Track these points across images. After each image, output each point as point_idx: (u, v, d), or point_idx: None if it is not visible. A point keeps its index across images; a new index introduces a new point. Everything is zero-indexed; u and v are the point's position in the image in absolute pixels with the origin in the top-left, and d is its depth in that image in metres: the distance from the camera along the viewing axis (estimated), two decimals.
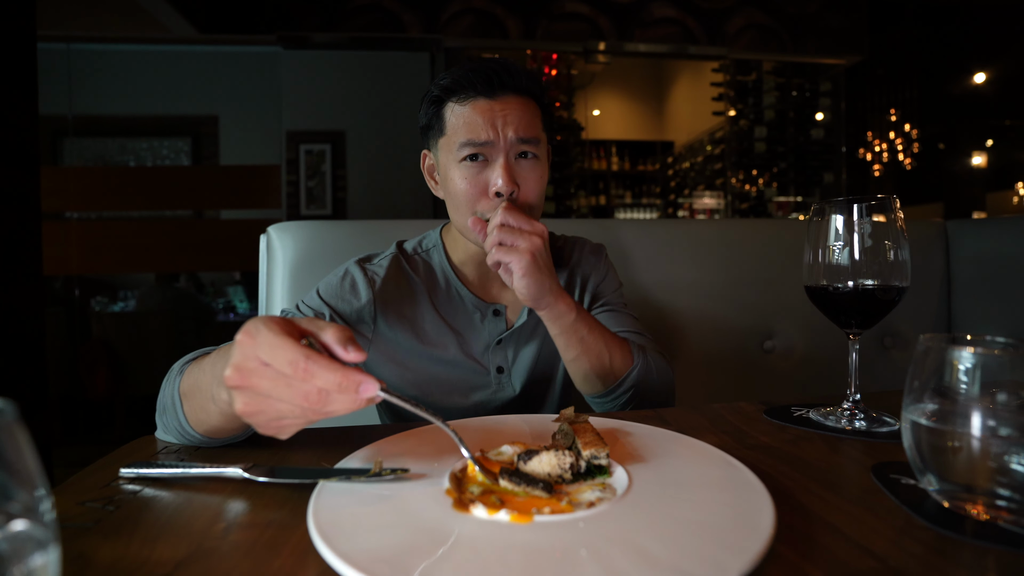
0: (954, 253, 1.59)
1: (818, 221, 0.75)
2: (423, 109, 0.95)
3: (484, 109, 0.87)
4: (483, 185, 0.88)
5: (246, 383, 0.46)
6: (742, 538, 0.40)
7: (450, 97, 0.90)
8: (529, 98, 0.91)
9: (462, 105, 0.88)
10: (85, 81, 4.55)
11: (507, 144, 0.87)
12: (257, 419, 0.48)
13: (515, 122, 0.87)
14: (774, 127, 5.34)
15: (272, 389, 0.46)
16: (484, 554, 0.39)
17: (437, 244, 1.04)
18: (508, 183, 0.86)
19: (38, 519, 0.26)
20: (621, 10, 4.51)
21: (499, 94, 0.88)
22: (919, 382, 0.48)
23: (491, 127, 0.87)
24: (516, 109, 0.88)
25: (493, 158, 0.88)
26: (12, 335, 1.78)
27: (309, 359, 0.45)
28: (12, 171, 1.80)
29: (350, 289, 0.95)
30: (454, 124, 0.89)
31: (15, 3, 1.82)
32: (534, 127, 0.90)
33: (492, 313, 1.01)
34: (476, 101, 0.88)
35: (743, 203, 5.48)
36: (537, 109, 0.93)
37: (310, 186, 4.27)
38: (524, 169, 0.90)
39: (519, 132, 0.88)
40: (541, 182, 0.92)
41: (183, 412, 0.63)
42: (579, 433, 0.56)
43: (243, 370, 0.46)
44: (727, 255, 1.47)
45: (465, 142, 0.87)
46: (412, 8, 4.29)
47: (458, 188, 0.89)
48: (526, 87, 0.90)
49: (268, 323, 0.47)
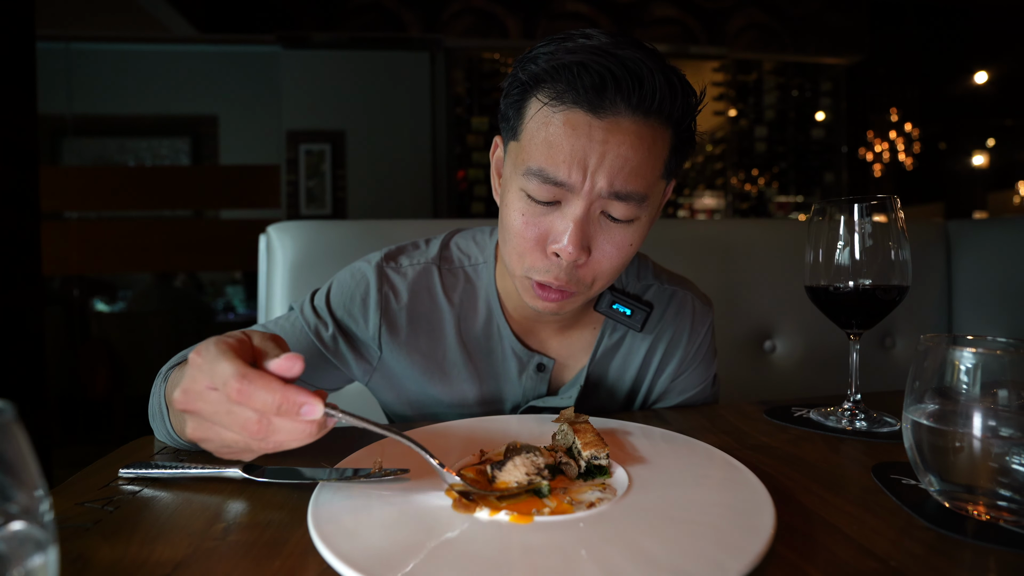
0: (955, 253, 1.59)
1: (819, 221, 0.75)
2: (506, 88, 0.68)
3: (579, 130, 0.60)
4: (543, 232, 0.65)
5: (192, 407, 0.44)
6: (742, 538, 0.40)
7: (539, 89, 0.63)
8: (659, 124, 0.63)
9: (552, 110, 0.62)
10: (84, 81, 4.56)
11: (592, 193, 0.62)
12: (208, 446, 0.46)
13: (616, 165, 0.61)
14: (774, 127, 5.34)
15: (214, 415, 0.43)
16: (484, 554, 0.39)
17: (489, 260, 0.82)
18: (576, 247, 0.63)
19: (37, 520, 0.26)
20: (621, 10, 4.51)
21: (609, 111, 0.60)
22: (920, 382, 0.48)
23: (577, 164, 0.61)
24: (626, 144, 0.61)
25: (567, 203, 0.64)
26: (11, 335, 1.78)
27: (244, 378, 0.40)
28: (11, 171, 1.80)
29: (360, 305, 0.79)
30: (532, 134, 0.63)
31: (14, 3, 1.82)
32: (643, 175, 0.62)
33: (535, 368, 0.80)
34: (572, 112, 0.61)
35: (743, 203, 5.47)
36: (664, 142, 0.64)
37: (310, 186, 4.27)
38: (605, 230, 0.65)
39: (615, 182, 0.61)
40: (624, 252, 0.67)
41: (169, 420, 0.62)
42: (579, 433, 0.56)
43: (189, 393, 0.44)
44: (727, 255, 1.47)
45: (536, 171, 0.63)
46: (412, 7, 4.29)
47: (512, 223, 0.67)
48: (656, 107, 0.61)
49: (218, 342, 0.44)
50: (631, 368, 0.84)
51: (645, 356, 0.84)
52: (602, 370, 0.84)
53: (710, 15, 4.60)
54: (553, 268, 0.66)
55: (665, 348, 0.84)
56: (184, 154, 5.00)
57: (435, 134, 4.43)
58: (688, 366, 0.86)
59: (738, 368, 1.47)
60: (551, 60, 0.62)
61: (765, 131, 5.35)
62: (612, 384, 0.85)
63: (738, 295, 1.46)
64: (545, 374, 0.81)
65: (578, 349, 0.83)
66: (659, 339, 0.84)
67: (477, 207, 4.58)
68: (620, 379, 0.85)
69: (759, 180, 5.44)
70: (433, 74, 4.40)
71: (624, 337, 0.84)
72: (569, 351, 0.83)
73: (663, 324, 0.84)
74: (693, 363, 0.86)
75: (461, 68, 4.60)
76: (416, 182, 4.36)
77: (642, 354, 0.84)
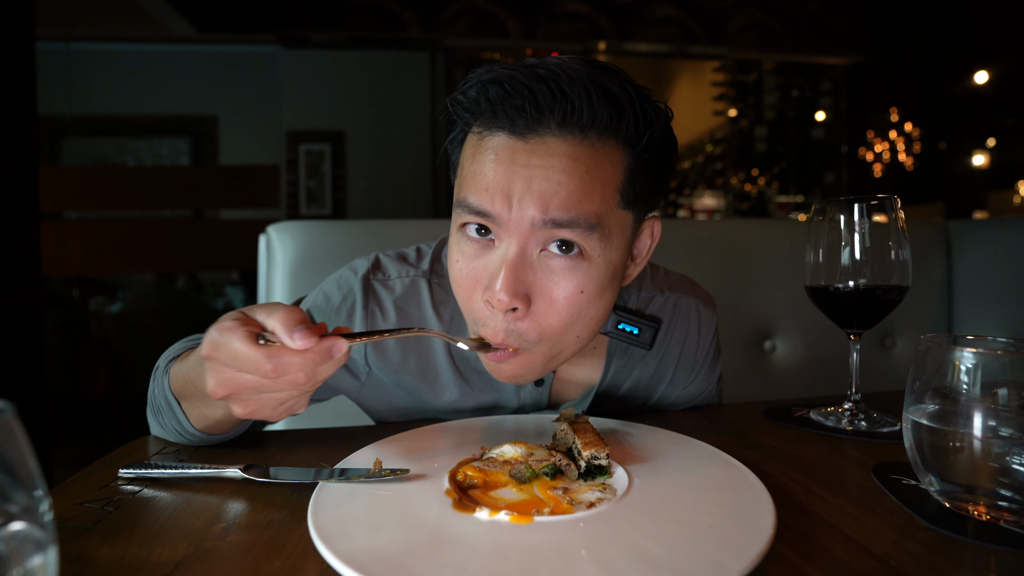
0: (955, 253, 1.59)
1: (819, 221, 0.75)
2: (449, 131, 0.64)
3: (502, 156, 0.55)
4: (476, 276, 0.59)
5: (232, 391, 0.47)
6: (742, 538, 0.40)
7: (470, 120, 0.59)
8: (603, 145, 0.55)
9: (479, 138, 0.57)
10: (84, 81, 4.56)
11: (523, 225, 0.54)
12: (262, 414, 0.49)
13: (546, 190, 0.53)
14: (774, 127, 5.34)
15: (260, 385, 0.47)
16: (484, 554, 0.39)
17: None
18: (507, 291, 0.54)
19: (37, 520, 0.26)
20: (621, 9, 4.51)
21: (533, 132, 0.54)
22: (920, 382, 0.48)
23: (500, 192, 0.54)
24: (555, 168, 0.53)
25: (500, 241, 0.57)
26: (11, 335, 1.78)
27: (272, 359, 0.45)
28: (11, 171, 1.80)
29: (345, 319, 0.75)
30: (463, 166, 0.59)
31: (14, 3, 1.82)
32: (586, 202, 0.54)
33: (533, 382, 0.76)
34: (495, 138, 0.56)
35: (743, 203, 5.48)
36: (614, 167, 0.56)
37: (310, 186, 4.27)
38: (550, 277, 0.57)
39: (549, 209, 0.54)
40: (573, 302, 0.57)
41: (182, 412, 0.62)
42: (579, 433, 0.56)
43: (223, 383, 0.47)
44: (727, 255, 1.47)
45: (461, 200, 0.57)
46: (412, 7, 4.29)
47: (451, 269, 0.61)
48: (590, 123, 0.54)
49: (224, 333, 0.46)
50: (641, 384, 0.81)
51: (655, 372, 0.80)
52: (611, 390, 0.81)
53: (710, 15, 4.60)
54: (490, 321, 0.58)
55: (677, 359, 0.80)
56: (184, 154, 5.00)
57: (435, 134, 4.43)
58: (696, 374, 0.83)
59: (738, 368, 1.47)
60: (469, 82, 0.57)
61: (765, 131, 5.35)
62: (620, 400, 0.82)
63: (738, 295, 1.46)
64: (545, 388, 0.77)
65: (581, 366, 0.79)
66: (669, 353, 0.80)
67: None
68: (628, 395, 0.82)
69: (759, 180, 5.45)
70: (433, 74, 4.40)
71: (633, 356, 0.80)
72: (571, 366, 0.78)
73: (671, 338, 0.80)
74: (702, 369, 0.84)
75: (461, 68, 4.60)
76: (416, 182, 4.37)
77: (652, 370, 0.80)
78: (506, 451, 0.56)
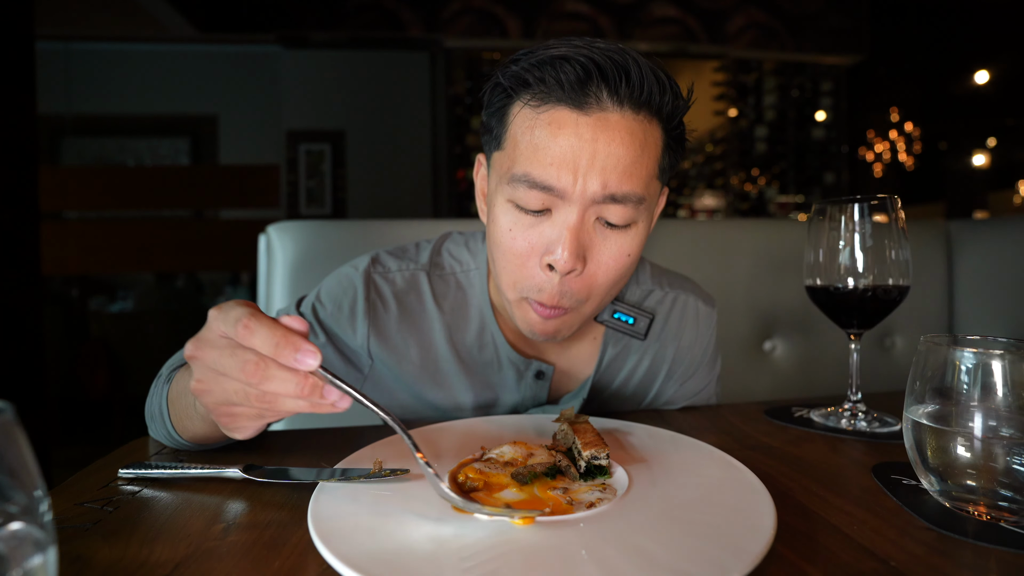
0: (956, 253, 1.59)
1: (819, 221, 0.75)
2: (486, 98, 0.66)
3: (566, 129, 0.57)
4: (533, 244, 0.62)
5: (199, 354, 0.45)
6: (742, 538, 0.40)
7: (521, 92, 0.61)
8: (649, 119, 0.60)
9: (535, 111, 0.59)
10: (84, 80, 4.56)
11: (586, 198, 0.58)
12: (206, 399, 0.46)
13: (609, 164, 0.57)
14: (775, 127, 5.34)
15: (218, 359, 0.44)
16: (484, 554, 0.39)
17: (481, 266, 0.79)
18: (571, 256, 0.59)
19: (36, 520, 0.26)
20: (621, 9, 4.51)
21: (595, 106, 0.57)
22: (920, 382, 0.48)
23: (567, 165, 0.57)
24: (617, 141, 0.57)
25: (558, 210, 0.60)
26: (11, 335, 1.78)
27: (254, 317, 0.42)
28: (10, 171, 1.80)
29: (348, 315, 0.76)
30: (516, 138, 0.61)
31: (14, 3, 1.82)
32: (637, 175, 0.59)
33: (533, 375, 0.77)
34: (556, 111, 0.58)
35: (743, 203, 5.48)
36: (657, 140, 0.61)
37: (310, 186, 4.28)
38: (603, 239, 0.62)
39: (609, 183, 0.58)
40: (622, 261, 0.63)
41: (169, 419, 0.62)
42: (579, 433, 0.56)
43: (200, 340, 0.45)
44: (727, 255, 1.47)
45: (521, 176, 0.59)
46: (412, 7, 4.29)
47: (500, 239, 0.63)
48: (645, 100, 0.59)
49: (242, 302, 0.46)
50: (636, 377, 0.82)
51: (652, 363, 0.81)
52: (607, 381, 0.81)
53: (710, 15, 4.60)
54: (547, 285, 0.62)
55: (672, 356, 0.82)
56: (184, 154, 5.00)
57: (435, 134, 4.43)
58: (695, 370, 0.84)
59: (738, 368, 1.47)
60: (531, 58, 0.60)
61: (765, 131, 5.35)
62: (616, 393, 0.83)
63: (738, 295, 1.46)
64: (545, 381, 0.78)
65: (580, 360, 0.81)
66: (665, 347, 0.81)
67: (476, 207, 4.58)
68: (624, 388, 0.83)
69: (759, 180, 5.45)
70: (433, 74, 4.41)
71: (628, 347, 0.81)
72: (569, 359, 0.80)
73: (667, 332, 0.81)
74: (700, 367, 0.84)
75: (461, 68, 4.60)
76: (416, 182, 4.37)
77: (648, 363, 0.81)
78: (506, 452, 0.56)
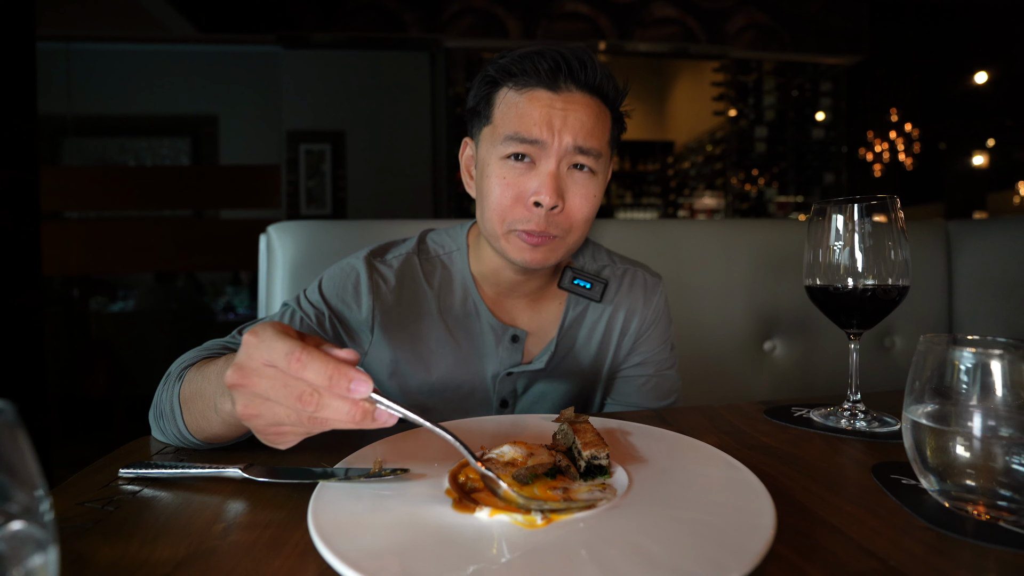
0: (955, 253, 1.59)
1: (818, 221, 0.75)
2: (474, 89, 0.83)
3: (542, 102, 0.76)
4: (522, 190, 0.78)
5: (245, 382, 0.46)
6: (742, 538, 0.40)
7: (506, 81, 0.79)
8: (600, 101, 0.80)
9: (518, 92, 0.78)
10: (84, 81, 4.56)
11: (561, 149, 0.76)
12: (256, 423, 0.48)
13: (576, 126, 0.76)
14: (774, 127, 5.34)
15: (269, 389, 0.45)
16: (484, 554, 0.39)
17: (462, 247, 0.93)
18: (552, 195, 0.75)
19: (37, 520, 0.26)
20: (621, 10, 4.51)
21: (564, 88, 0.77)
22: (920, 382, 0.48)
23: (545, 125, 0.76)
24: (581, 111, 0.77)
25: (540, 162, 0.77)
26: (11, 335, 1.78)
27: (304, 350, 0.44)
28: (11, 171, 1.80)
29: (352, 292, 0.86)
30: (504, 113, 0.79)
31: (15, 3, 1.82)
32: (597, 136, 0.79)
33: (509, 339, 0.90)
34: (535, 91, 0.77)
35: (743, 203, 5.48)
36: (607, 117, 0.82)
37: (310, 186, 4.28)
38: (574, 183, 0.79)
39: (577, 139, 0.76)
40: (591, 201, 0.80)
41: (182, 419, 0.63)
42: (579, 433, 0.56)
43: (244, 369, 0.46)
44: (727, 255, 1.47)
45: (512, 135, 0.77)
46: (412, 8, 4.29)
47: (492, 188, 0.79)
48: (598, 86, 0.79)
49: (274, 325, 0.47)
50: (596, 335, 0.95)
51: (607, 324, 0.95)
52: (570, 339, 0.94)
53: (710, 15, 4.60)
54: (534, 218, 0.77)
55: (624, 315, 0.96)
56: (184, 154, 5.00)
57: (435, 134, 4.43)
58: (647, 329, 0.98)
59: (738, 368, 1.47)
60: (514, 56, 0.79)
61: (765, 131, 5.35)
62: (580, 350, 0.95)
63: (738, 295, 1.46)
64: (519, 344, 0.90)
65: (547, 322, 0.94)
66: (618, 308, 0.96)
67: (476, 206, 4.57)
68: (587, 345, 0.95)
69: (759, 180, 5.45)
70: (433, 74, 4.41)
71: (586, 309, 0.95)
72: (539, 324, 0.93)
73: (619, 296, 0.96)
74: (652, 326, 0.98)
75: (461, 68, 4.61)
76: (416, 182, 4.37)
77: (604, 322, 0.95)
78: (506, 452, 0.56)
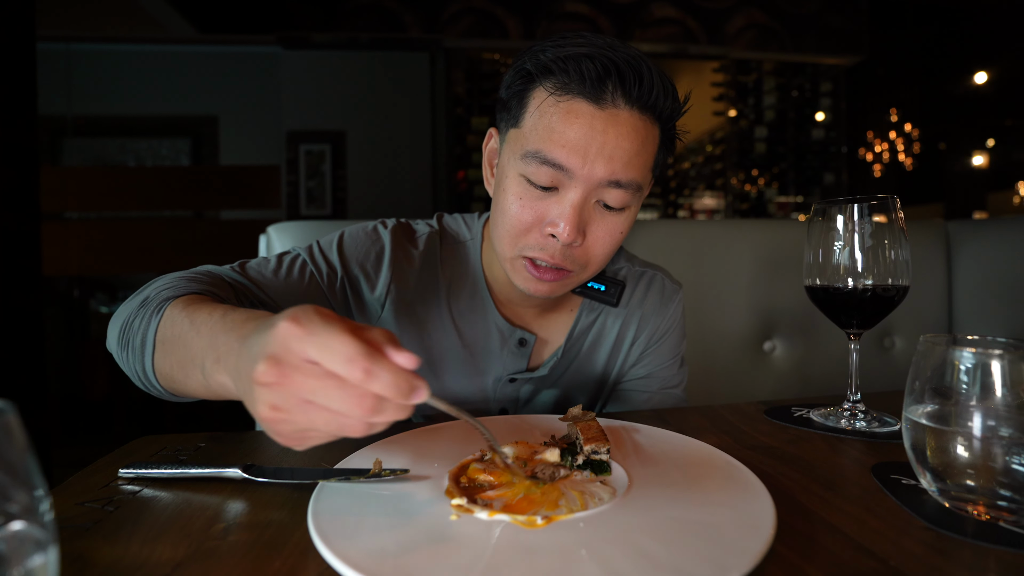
0: (955, 253, 1.59)
1: (819, 221, 0.75)
2: (508, 78, 0.72)
3: (581, 120, 0.64)
4: (540, 215, 0.69)
5: (284, 381, 0.37)
6: (742, 538, 0.40)
7: (544, 79, 0.67)
8: (651, 119, 0.68)
9: (555, 100, 0.66)
10: (84, 81, 4.55)
11: (592, 181, 0.66)
12: (282, 427, 0.39)
13: (615, 154, 0.65)
14: (774, 127, 5.34)
15: (318, 391, 0.37)
16: (484, 554, 0.39)
17: (476, 238, 0.86)
18: (572, 230, 0.66)
19: (37, 520, 0.26)
20: (621, 10, 4.51)
21: (609, 102, 0.65)
22: (920, 382, 0.48)
23: (578, 152, 0.64)
24: (624, 135, 0.65)
25: (565, 189, 0.67)
26: (12, 335, 1.78)
27: (371, 357, 0.36)
28: (11, 171, 1.80)
29: (375, 261, 0.80)
30: (534, 122, 0.67)
31: (15, 3, 1.82)
32: (637, 166, 0.67)
33: (517, 343, 0.84)
34: (574, 102, 0.65)
35: (743, 203, 5.47)
36: (654, 138, 0.70)
37: (310, 186, 4.27)
38: (601, 216, 0.70)
39: (615, 171, 0.66)
40: (616, 237, 0.71)
41: (152, 361, 0.57)
42: (583, 429, 0.56)
43: (283, 366, 0.37)
44: (727, 255, 1.47)
45: (536, 153, 0.66)
46: (412, 8, 4.29)
47: (509, 205, 0.70)
48: (652, 103, 0.67)
49: (320, 312, 0.38)
50: (606, 342, 0.89)
51: (619, 331, 0.89)
52: (578, 345, 0.88)
53: (710, 15, 4.60)
54: (548, 247, 0.70)
55: (638, 322, 0.89)
56: (184, 154, 5.00)
57: (435, 134, 4.43)
58: (659, 339, 0.91)
59: (738, 368, 1.47)
60: (559, 52, 0.66)
61: (765, 131, 5.35)
62: (588, 358, 0.89)
63: (738, 295, 1.46)
64: (526, 349, 0.84)
65: (557, 329, 0.88)
66: (632, 314, 0.89)
67: (477, 207, 4.58)
68: (595, 353, 0.89)
69: (759, 180, 5.45)
70: (433, 74, 4.41)
71: (599, 315, 0.89)
72: (548, 331, 0.87)
73: (635, 300, 0.89)
74: (664, 337, 0.91)
75: (461, 68, 4.60)
76: (416, 182, 4.36)
77: (616, 329, 0.89)
78: (508, 452, 0.56)
